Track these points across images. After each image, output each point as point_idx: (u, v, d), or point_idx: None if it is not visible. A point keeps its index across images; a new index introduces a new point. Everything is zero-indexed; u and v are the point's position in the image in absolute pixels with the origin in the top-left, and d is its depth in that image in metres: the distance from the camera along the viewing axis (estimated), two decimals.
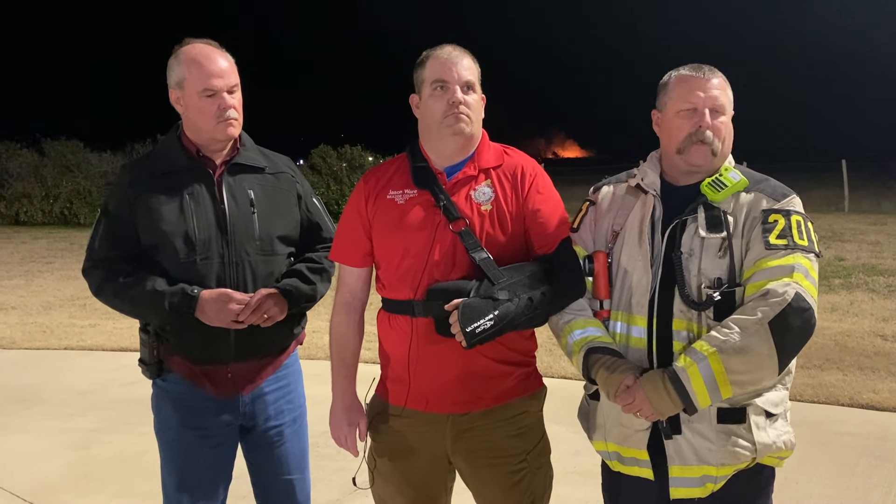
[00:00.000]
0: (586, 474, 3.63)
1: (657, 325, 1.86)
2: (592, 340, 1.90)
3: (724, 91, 1.91)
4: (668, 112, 1.93)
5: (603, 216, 2.03)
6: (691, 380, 1.73)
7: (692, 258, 1.84)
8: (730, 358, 1.71)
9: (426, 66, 2.01)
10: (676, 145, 1.91)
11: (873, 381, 5.08)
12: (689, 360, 1.74)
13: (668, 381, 1.75)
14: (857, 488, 3.58)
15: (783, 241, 1.78)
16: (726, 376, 1.71)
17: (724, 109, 1.90)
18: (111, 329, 7.14)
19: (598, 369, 1.86)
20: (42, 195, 19.39)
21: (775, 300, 1.70)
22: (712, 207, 1.86)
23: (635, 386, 1.79)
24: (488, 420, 2.01)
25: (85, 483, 3.89)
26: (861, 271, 9.22)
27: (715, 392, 1.73)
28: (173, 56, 2.20)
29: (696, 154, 1.89)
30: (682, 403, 1.75)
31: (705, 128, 1.87)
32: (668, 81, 1.95)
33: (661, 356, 1.85)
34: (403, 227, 2.00)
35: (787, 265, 1.75)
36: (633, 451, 1.90)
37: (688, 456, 1.84)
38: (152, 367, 2.24)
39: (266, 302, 2.16)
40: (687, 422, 1.83)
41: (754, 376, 1.75)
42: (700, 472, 1.84)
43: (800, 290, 1.72)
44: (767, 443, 1.84)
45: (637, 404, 1.79)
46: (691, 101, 1.89)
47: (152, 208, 2.17)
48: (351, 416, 2.14)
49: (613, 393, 1.82)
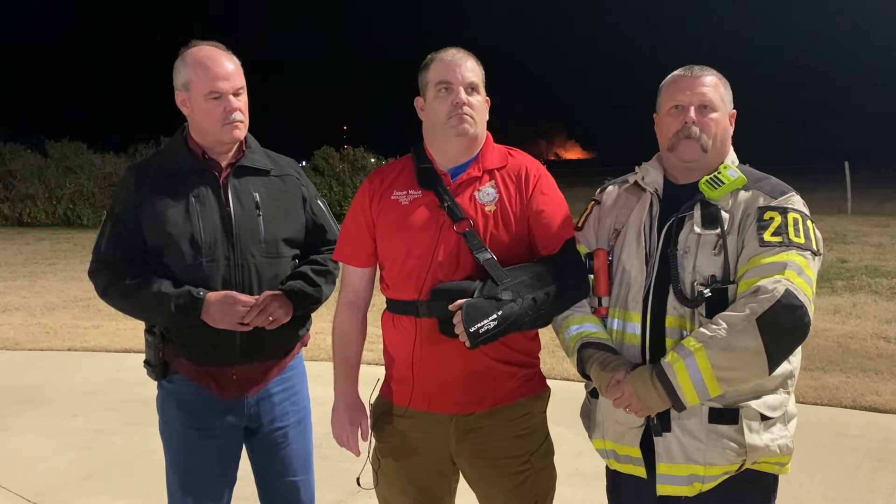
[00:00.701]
0: (588, 476, 3.63)
1: (651, 321, 1.87)
2: (588, 336, 1.92)
3: (716, 88, 1.93)
4: (661, 111, 1.98)
5: (606, 215, 2.05)
6: (677, 375, 1.73)
7: (687, 255, 1.85)
8: (716, 354, 1.70)
9: (430, 69, 2.03)
10: (667, 143, 1.94)
11: (876, 384, 5.08)
12: (676, 356, 1.74)
13: (655, 377, 1.75)
14: (859, 490, 3.58)
15: (778, 238, 1.77)
16: (713, 373, 1.70)
17: (714, 106, 1.91)
18: (114, 330, 7.15)
19: (591, 364, 1.88)
20: (45, 196, 19.44)
21: (764, 297, 1.69)
22: (709, 205, 1.86)
23: (624, 381, 1.80)
24: (492, 421, 2.02)
25: (89, 483, 3.90)
26: (864, 273, 9.20)
27: (702, 389, 1.72)
28: (179, 58, 2.21)
29: (685, 150, 1.91)
30: (670, 399, 1.75)
31: (690, 123, 1.89)
32: (663, 83, 1.99)
33: (653, 353, 1.86)
34: (407, 227, 2.01)
35: (779, 262, 1.74)
36: (627, 448, 1.91)
37: (676, 454, 1.84)
38: (158, 369, 2.25)
39: (271, 304, 2.17)
40: (677, 419, 1.83)
41: (742, 374, 1.73)
42: (687, 470, 1.83)
43: (790, 287, 1.70)
44: (759, 446, 1.81)
45: (626, 399, 1.80)
46: (678, 99, 1.92)
47: (158, 210, 2.18)
48: (353, 415, 2.15)
49: (605, 387, 1.84)
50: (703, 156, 1.91)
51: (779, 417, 1.85)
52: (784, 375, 1.84)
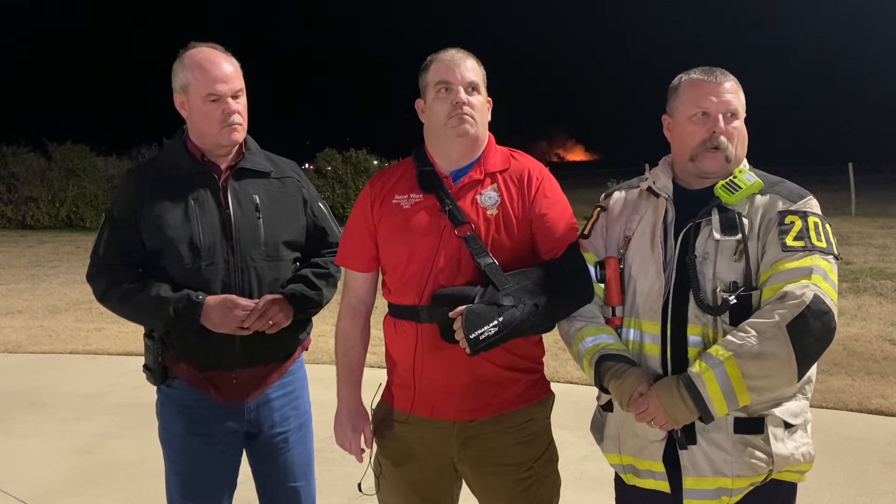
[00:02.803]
0: (593, 480, 3.60)
1: (671, 331, 1.81)
2: (604, 348, 1.86)
3: (737, 94, 1.87)
4: (680, 117, 1.89)
5: (615, 222, 2.00)
6: (707, 386, 1.68)
7: (707, 262, 1.80)
8: (747, 363, 1.65)
9: (430, 70, 2.01)
10: (689, 152, 1.87)
11: (882, 387, 5.05)
12: (705, 366, 1.69)
13: (682, 388, 1.70)
14: (866, 495, 3.55)
15: (800, 242, 1.73)
16: (743, 382, 1.66)
17: (737, 113, 1.86)
18: (117, 333, 7.15)
19: (609, 377, 1.82)
20: (48, 199, 19.48)
21: (793, 302, 1.65)
22: (727, 210, 1.81)
23: (649, 393, 1.74)
24: (495, 427, 1.99)
25: (90, 488, 3.88)
26: (868, 275, 9.16)
27: (732, 399, 1.68)
28: (178, 60, 2.19)
29: (710, 161, 1.85)
30: (698, 411, 1.70)
31: (719, 133, 1.83)
32: (679, 85, 1.91)
33: (675, 363, 1.80)
34: (409, 231, 1.99)
35: (804, 267, 1.70)
36: (648, 462, 1.85)
37: (703, 467, 1.78)
38: (157, 374, 2.23)
39: (271, 308, 2.15)
40: (703, 431, 1.78)
41: (773, 382, 1.69)
42: (715, 483, 1.78)
43: (818, 292, 1.67)
44: (785, 454, 1.78)
45: (651, 412, 1.74)
46: (703, 106, 1.84)
47: (157, 214, 2.16)
48: (355, 421, 2.13)
49: (626, 401, 1.78)
50: (726, 166, 1.86)
51: (800, 424, 1.82)
52: (803, 381, 1.80)
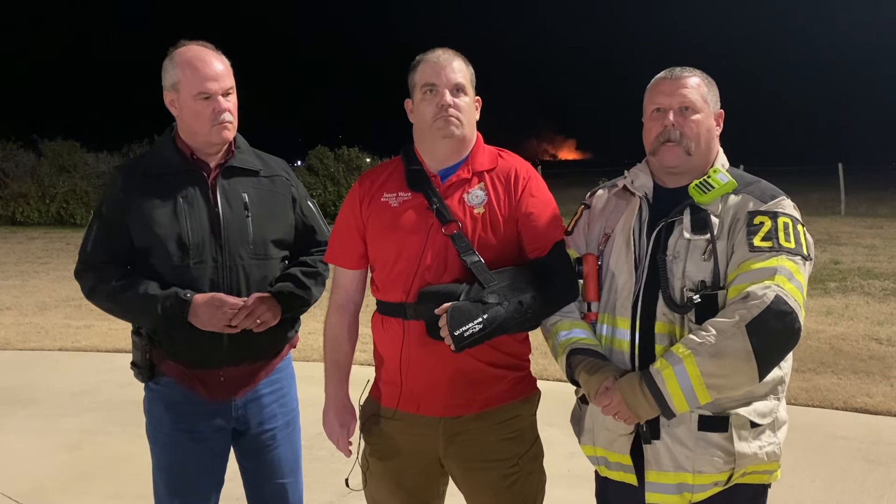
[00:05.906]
0: (580, 477, 3.61)
1: (640, 327, 1.85)
2: (576, 342, 1.90)
3: (697, 89, 1.89)
4: (644, 116, 1.95)
5: (596, 219, 2.03)
6: (666, 383, 1.71)
7: (677, 260, 1.82)
8: (705, 361, 1.67)
9: (417, 71, 2.02)
10: (649, 147, 1.93)
11: (868, 385, 5.09)
12: (666, 363, 1.72)
13: (643, 384, 1.73)
14: (850, 492, 3.58)
15: (768, 243, 1.75)
16: (702, 380, 1.68)
17: (695, 107, 1.87)
18: (106, 330, 7.12)
19: (579, 371, 1.86)
20: (39, 195, 19.38)
21: (754, 303, 1.67)
22: (699, 209, 1.84)
23: (613, 388, 1.78)
24: (480, 423, 2.01)
25: (78, 484, 3.88)
26: (856, 275, 9.24)
27: (692, 396, 1.70)
28: (168, 58, 2.19)
29: (667, 155, 1.88)
30: (659, 407, 1.73)
31: (669, 126, 1.86)
32: (647, 87, 1.97)
33: (643, 359, 1.84)
34: (397, 229, 2.00)
35: (769, 268, 1.72)
36: (617, 455, 1.89)
37: (665, 461, 1.82)
38: (144, 371, 2.23)
39: (259, 306, 2.16)
40: (666, 427, 1.81)
41: (732, 381, 1.70)
42: (677, 478, 1.81)
43: (780, 292, 1.68)
44: (748, 454, 1.79)
45: (614, 406, 1.78)
46: (658, 102, 1.90)
47: (145, 211, 2.16)
48: (343, 417, 2.15)
49: (593, 394, 1.82)
50: (688, 159, 1.88)
51: (768, 424, 1.83)
52: (774, 381, 1.83)
